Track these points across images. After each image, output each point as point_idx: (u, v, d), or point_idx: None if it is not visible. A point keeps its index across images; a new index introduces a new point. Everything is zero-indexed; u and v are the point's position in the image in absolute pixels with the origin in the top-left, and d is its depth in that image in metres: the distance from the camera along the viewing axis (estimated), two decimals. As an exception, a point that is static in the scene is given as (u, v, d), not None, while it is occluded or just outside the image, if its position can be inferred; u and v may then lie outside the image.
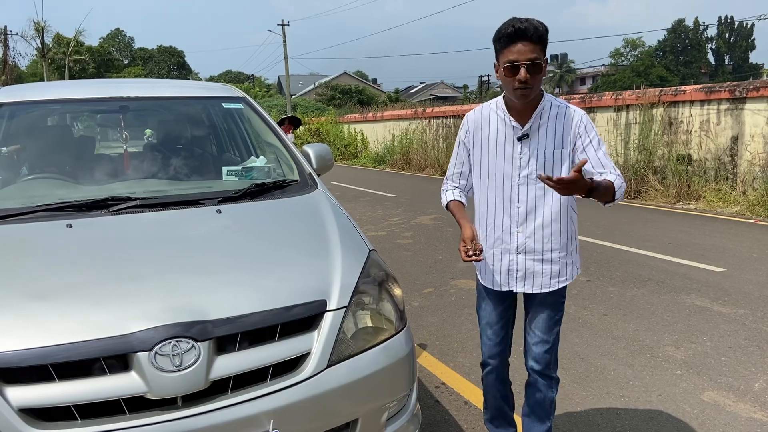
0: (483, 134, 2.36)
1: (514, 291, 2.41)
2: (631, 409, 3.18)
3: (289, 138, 12.70)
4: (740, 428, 2.96)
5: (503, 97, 2.32)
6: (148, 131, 3.84)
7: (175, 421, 1.76)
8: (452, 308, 4.94)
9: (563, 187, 1.98)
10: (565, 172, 2.23)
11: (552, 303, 2.41)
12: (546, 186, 2.15)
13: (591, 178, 2.09)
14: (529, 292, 2.39)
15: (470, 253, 2.21)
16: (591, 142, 2.23)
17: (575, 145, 2.24)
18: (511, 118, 2.28)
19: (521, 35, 2.08)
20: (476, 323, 2.82)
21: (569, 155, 2.25)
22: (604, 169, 2.20)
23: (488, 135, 2.34)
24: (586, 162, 2.11)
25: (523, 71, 2.10)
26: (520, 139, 2.26)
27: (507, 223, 2.33)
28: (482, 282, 2.50)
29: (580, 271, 2.52)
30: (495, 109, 2.35)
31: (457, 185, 2.52)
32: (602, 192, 2.10)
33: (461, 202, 2.49)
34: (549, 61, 2.31)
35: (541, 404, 2.51)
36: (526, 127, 2.26)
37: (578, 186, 1.99)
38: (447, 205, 2.52)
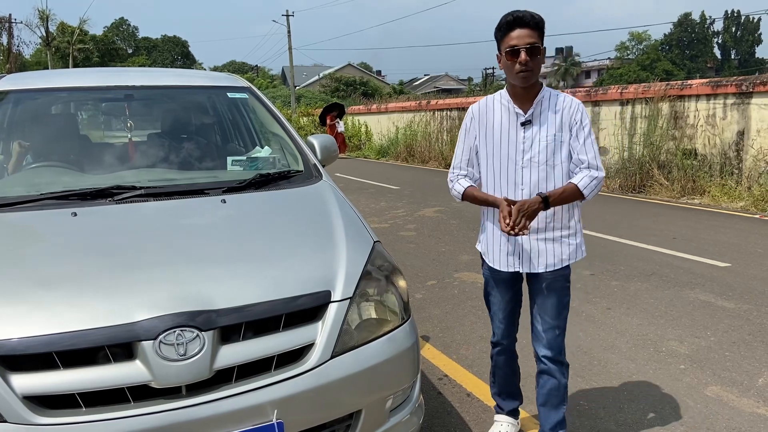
0: (488, 122, 2.48)
1: (521, 271, 2.50)
2: (634, 403, 3.18)
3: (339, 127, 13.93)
4: (743, 423, 2.96)
5: (506, 88, 2.47)
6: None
7: (179, 410, 1.77)
8: (455, 301, 4.94)
9: (518, 215, 2.23)
10: (565, 154, 2.39)
11: (558, 288, 2.49)
12: (548, 168, 2.38)
13: (540, 193, 2.30)
14: (535, 271, 2.47)
15: (513, 225, 2.25)
16: (583, 128, 2.39)
17: (570, 128, 2.39)
18: (515, 106, 2.41)
19: (519, 22, 2.28)
20: (479, 316, 2.83)
21: (568, 138, 2.39)
22: (585, 155, 2.36)
23: (493, 122, 2.46)
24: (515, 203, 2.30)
25: (523, 54, 2.26)
26: (523, 124, 2.39)
27: None
28: (491, 264, 2.56)
29: (585, 255, 2.56)
30: (499, 99, 2.48)
31: (465, 173, 2.56)
32: (564, 199, 2.34)
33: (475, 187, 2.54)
34: (555, 55, 2.43)
35: (555, 392, 2.57)
36: (529, 113, 2.39)
37: (532, 210, 2.26)
38: (464, 193, 2.52)
